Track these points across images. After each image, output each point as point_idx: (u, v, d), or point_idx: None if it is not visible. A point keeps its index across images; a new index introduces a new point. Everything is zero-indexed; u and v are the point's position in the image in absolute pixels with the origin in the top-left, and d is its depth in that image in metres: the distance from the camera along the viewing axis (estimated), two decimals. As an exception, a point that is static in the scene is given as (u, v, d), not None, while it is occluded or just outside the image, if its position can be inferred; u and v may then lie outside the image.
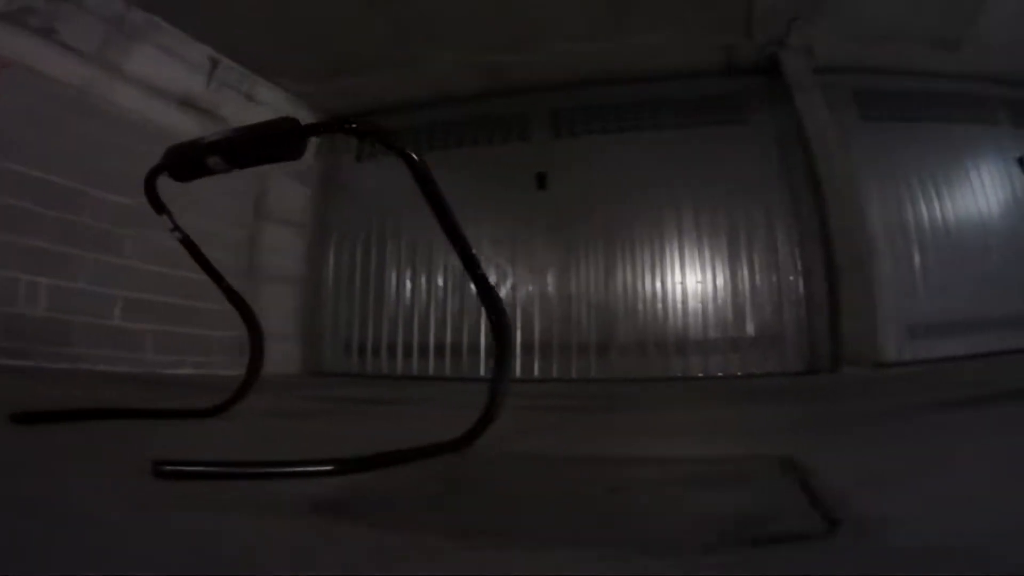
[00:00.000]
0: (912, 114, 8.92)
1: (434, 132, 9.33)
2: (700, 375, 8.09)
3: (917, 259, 8.34)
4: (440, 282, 8.90)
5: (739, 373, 8.04)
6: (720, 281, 8.41)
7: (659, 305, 8.45)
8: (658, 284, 8.52)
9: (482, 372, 8.38)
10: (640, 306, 8.49)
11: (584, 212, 8.72)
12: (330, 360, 8.87)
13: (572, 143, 9.04)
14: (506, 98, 9.20)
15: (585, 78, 9.04)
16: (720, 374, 8.06)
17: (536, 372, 8.38)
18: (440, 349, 8.65)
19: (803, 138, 8.27)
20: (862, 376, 7.06)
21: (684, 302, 8.42)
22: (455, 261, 8.60)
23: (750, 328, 8.08)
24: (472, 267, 2.34)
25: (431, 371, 8.65)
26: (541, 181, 8.80)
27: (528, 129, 9.22)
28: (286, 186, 8.93)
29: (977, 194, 8.75)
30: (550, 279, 8.70)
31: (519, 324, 8.47)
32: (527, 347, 8.43)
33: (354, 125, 2.16)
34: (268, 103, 8.64)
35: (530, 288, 8.67)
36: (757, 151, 8.48)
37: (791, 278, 8.26)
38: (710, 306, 8.36)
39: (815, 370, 7.88)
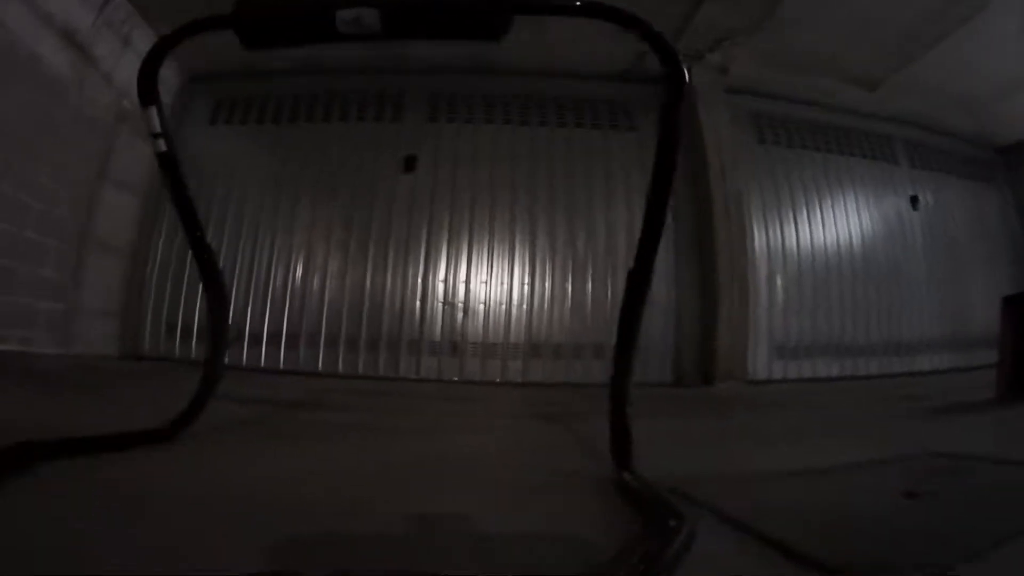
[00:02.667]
0: (810, 143, 9.20)
1: (300, 103, 8.81)
2: (560, 381, 7.81)
3: (786, 282, 8.50)
4: (281, 265, 8.08)
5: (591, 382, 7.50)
6: (580, 285, 8.16)
7: (505, 307, 8.15)
8: (507, 285, 8.21)
9: (319, 366, 7.93)
10: (484, 306, 8.16)
11: (447, 201, 8.42)
12: (150, 343, 7.99)
13: (447, 129, 8.71)
14: (384, 75, 8.69)
15: (476, 64, 8.78)
16: (580, 382, 7.70)
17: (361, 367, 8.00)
18: (274, 338, 7.83)
19: (697, 152, 8.29)
20: (736, 392, 7.06)
21: (540, 305, 8.11)
22: (305, 244, 8.24)
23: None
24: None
25: (263, 362, 7.83)
26: (409, 164, 8.19)
27: (402, 109, 8.80)
28: (132, 146, 8.18)
29: (863, 225, 9.04)
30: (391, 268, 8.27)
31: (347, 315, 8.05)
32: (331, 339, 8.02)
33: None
34: (140, 52, 7.97)
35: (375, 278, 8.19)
36: (644, 159, 8.09)
37: (664, 290, 7.82)
38: (565, 311, 8.08)
39: (681, 383, 7.68)
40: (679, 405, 5.85)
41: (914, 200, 9.41)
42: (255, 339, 8.01)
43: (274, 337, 8.04)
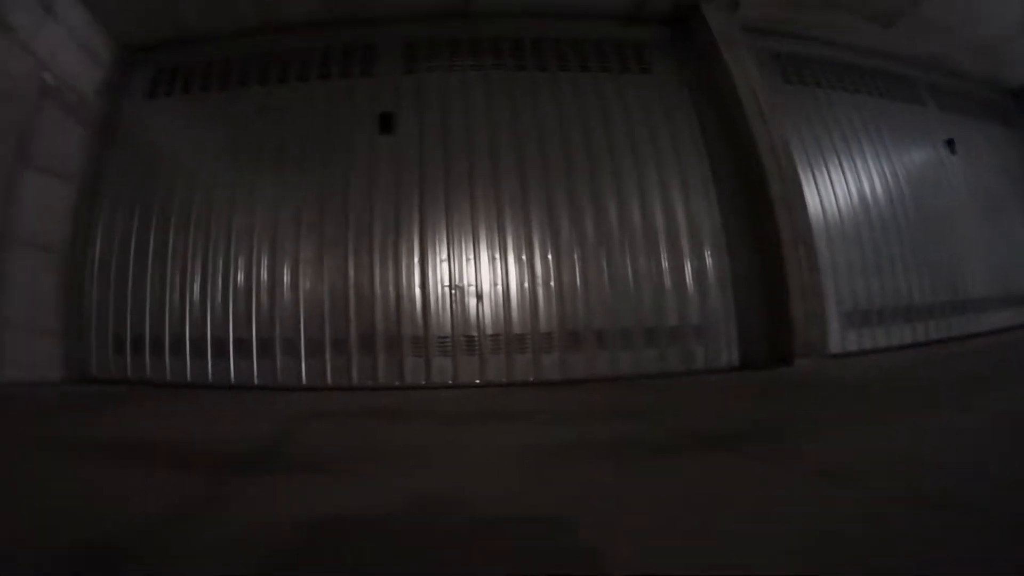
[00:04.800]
0: (836, 82, 8.45)
1: (250, 65, 7.59)
2: (607, 375, 6.60)
3: (844, 240, 7.61)
4: (242, 256, 6.57)
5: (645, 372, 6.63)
6: (619, 257, 6.94)
7: (529, 288, 6.82)
8: (526, 261, 6.90)
9: (303, 378, 6.52)
10: (501, 288, 6.82)
11: (439, 163, 7.11)
12: (98, 362, 6.75)
13: (428, 79, 7.45)
14: (348, 26, 7.61)
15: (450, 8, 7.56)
16: (633, 374, 6.59)
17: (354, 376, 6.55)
18: (243, 346, 6.31)
19: (729, 96, 7.28)
20: (825, 372, 6.07)
21: (571, 284, 6.83)
22: (269, 228, 6.65)
23: (672, 318, 6.35)
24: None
25: (233, 376, 6.37)
26: (386, 123, 6.78)
27: (373, 62, 7.56)
28: (59, 124, 6.58)
29: (907, 172, 8.40)
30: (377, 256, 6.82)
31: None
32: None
33: None
34: (65, 22, 6.50)
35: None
36: (661, 105, 7.01)
37: (714, 257, 6.95)
38: (603, 290, 6.84)
39: (751, 365, 6.66)
40: (787, 399, 4.89)
41: (951, 144, 8.85)
42: (219, 348, 6.39)
43: (242, 345, 6.50)
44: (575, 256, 6.78)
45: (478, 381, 6.41)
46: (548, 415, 4.42)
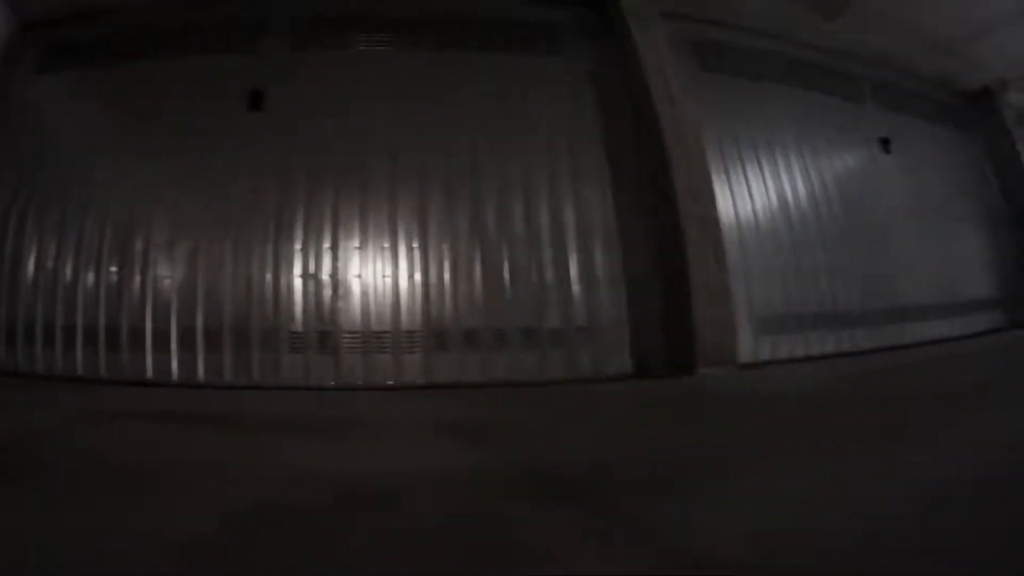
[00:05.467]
0: (764, 72, 7.81)
1: (133, 40, 6.95)
2: (477, 381, 5.86)
3: (760, 240, 6.93)
4: (102, 245, 5.93)
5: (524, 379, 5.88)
6: (495, 250, 6.25)
7: (391, 282, 6.12)
8: (391, 253, 6.20)
9: (148, 372, 5.89)
10: (361, 280, 6.12)
11: (309, 144, 6.39)
12: None
13: (311, 59, 6.78)
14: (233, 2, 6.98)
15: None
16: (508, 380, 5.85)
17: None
18: (90, 336, 5.86)
19: (637, 79, 6.69)
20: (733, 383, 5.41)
21: (440, 279, 6.13)
22: (128, 210, 5.96)
23: (554, 319, 5.67)
24: None
25: (80, 368, 5.83)
26: (256, 101, 6.22)
27: (258, 37, 6.89)
28: None
29: (835, 171, 7.82)
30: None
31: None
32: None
33: None
34: None
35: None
36: (566, 89, 6.38)
37: (605, 253, 6.31)
38: (476, 286, 6.11)
39: (647, 373, 5.98)
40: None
41: (885, 143, 8.31)
42: (69, 338, 5.89)
43: (90, 335, 5.95)
44: (444, 247, 6.12)
45: (333, 383, 5.68)
46: (375, 431, 3.74)
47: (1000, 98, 10.35)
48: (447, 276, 6.00)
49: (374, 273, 5.99)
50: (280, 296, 5.90)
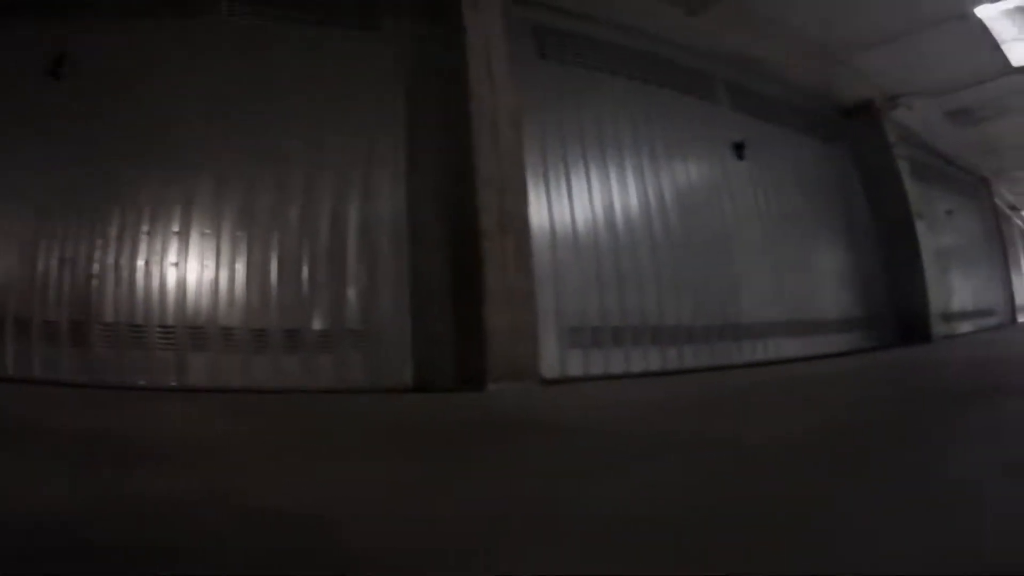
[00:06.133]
0: (610, 65, 7.22)
1: None
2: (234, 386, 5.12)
3: (580, 244, 6.36)
4: None
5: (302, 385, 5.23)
6: (262, 243, 5.51)
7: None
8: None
9: None
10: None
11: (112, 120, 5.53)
12: None
13: (112, 25, 5.85)
14: None
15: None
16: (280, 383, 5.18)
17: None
18: None
19: (457, 58, 5.98)
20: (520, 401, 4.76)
21: (190, 272, 5.35)
22: None
23: (322, 319, 5.04)
24: None
25: None
26: (56, 66, 5.46)
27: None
28: None
29: (679, 174, 7.35)
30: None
31: None
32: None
33: None
34: None
35: None
36: (379, 67, 5.79)
37: (392, 246, 5.66)
38: (239, 281, 5.39)
39: (429, 386, 5.34)
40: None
41: (739, 147, 7.83)
42: None
43: None
44: (202, 233, 5.38)
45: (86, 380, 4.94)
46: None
47: (884, 113, 10.20)
48: (205, 268, 5.30)
49: (132, 260, 5.25)
50: (36, 279, 5.12)
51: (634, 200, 6.66)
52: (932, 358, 7.02)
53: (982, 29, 8.20)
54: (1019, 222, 20.28)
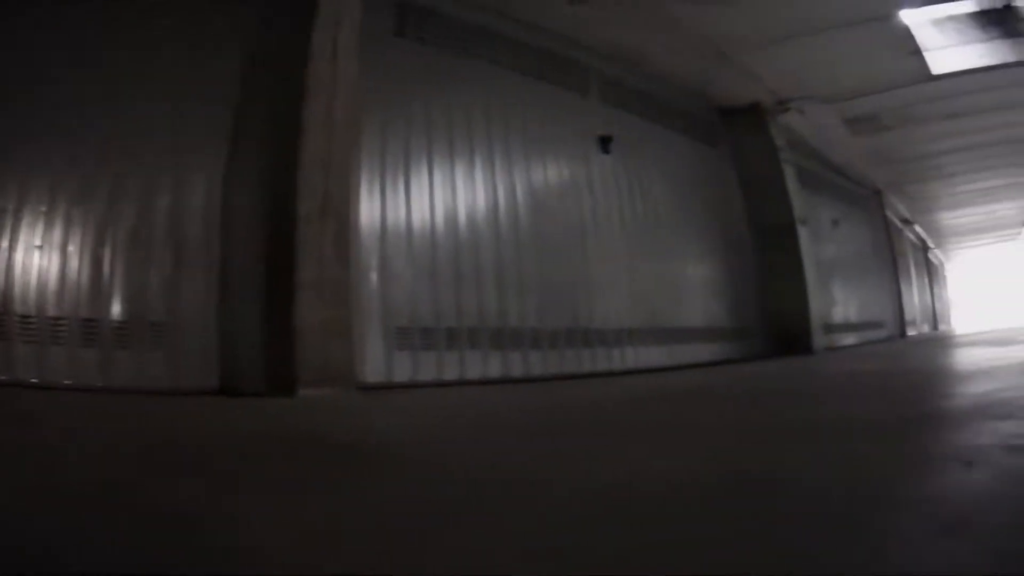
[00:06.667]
0: (472, 49, 6.96)
1: None
2: None
3: (416, 234, 6.03)
4: None
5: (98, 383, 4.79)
6: (89, 235, 5.01)
7: None
8: None
9: None
10: None
11: None
12: None
13: None
14: None
15: None
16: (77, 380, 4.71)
17: None
18: None
19: (299, 28, 5.58)
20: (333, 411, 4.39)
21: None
22: None
23: (119, 310, 4.66)
24: None
25: None
26: None
27: None
28: None
29: (536, 166, 7.12)
30: None
31: None
32: None
33: None
34: None
35: None
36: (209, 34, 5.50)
37: (204, 231, 5.27)
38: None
39: (235, 389, 5.00)
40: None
41: (605, 142, 7.68)
42: None
43: None
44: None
45: None
46: None
47: (771, 117, 10.31)
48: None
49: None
50: None
51: (481, 193, 6.44)
52: (794, 372, 6.92)
53: (902, 34, 8.39)
54: (911, 236, 21.22)
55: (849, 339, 12.54)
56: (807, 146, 12.21)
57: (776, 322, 9.83)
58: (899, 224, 19.23)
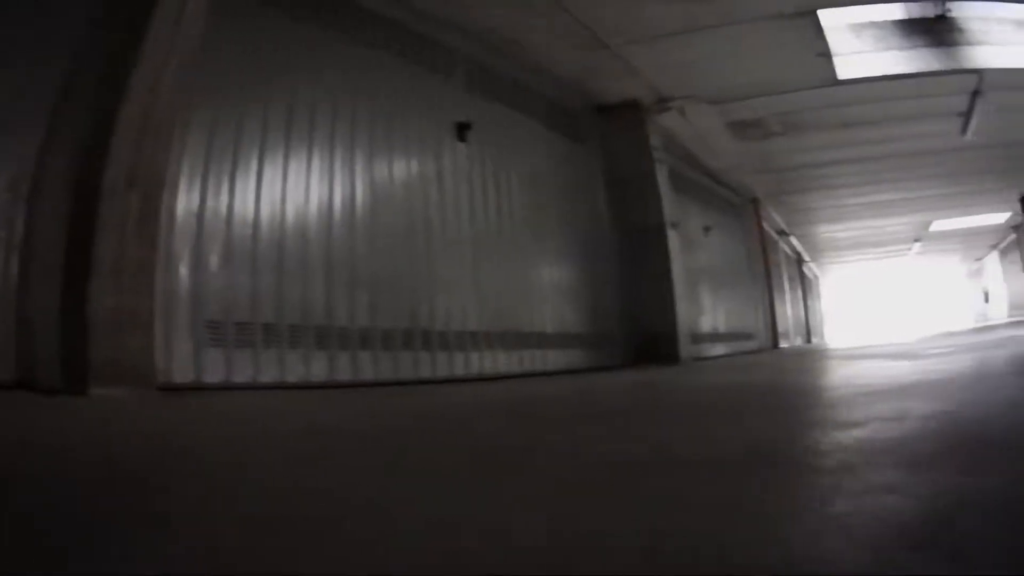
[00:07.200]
0: (325, 21, 6.56)
1: None
2: None
3: (238, 217, 5.65)
4: None
5: None
6: None
7: None
8: None
9: None
10: None
11: None
12: None
13: None
14: None
15: None
16: None
17: None
18: None
19: None
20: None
21: None
22: None
23: None
24: None
25: None
26: None
27: None
28: None
29: (384, 152, 6.81)
30: None
31: None
32: None
33: None
34: None
35: None
36: None
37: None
38: None
39: (31, 382, 4.58)
40: None
41: (463, 128, 7.58)
42: None
43: None
44: None
45: None
46: None
47: (649, 116, 10.40)
48: None
49: None
50: None
51: (316, 179, 6.10)
52: (648, 385, 6.81)
53: (812, 34, 8.55)
54: (786, 248, 22.15)
55: (718, 349, 12.84)
56: (684, 149, 12.40)
57: (640, 330, 9.93)
58: (775, 235, 19.95)
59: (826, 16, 8.35)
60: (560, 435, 3.38)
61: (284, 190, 5.81)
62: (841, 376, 6.45)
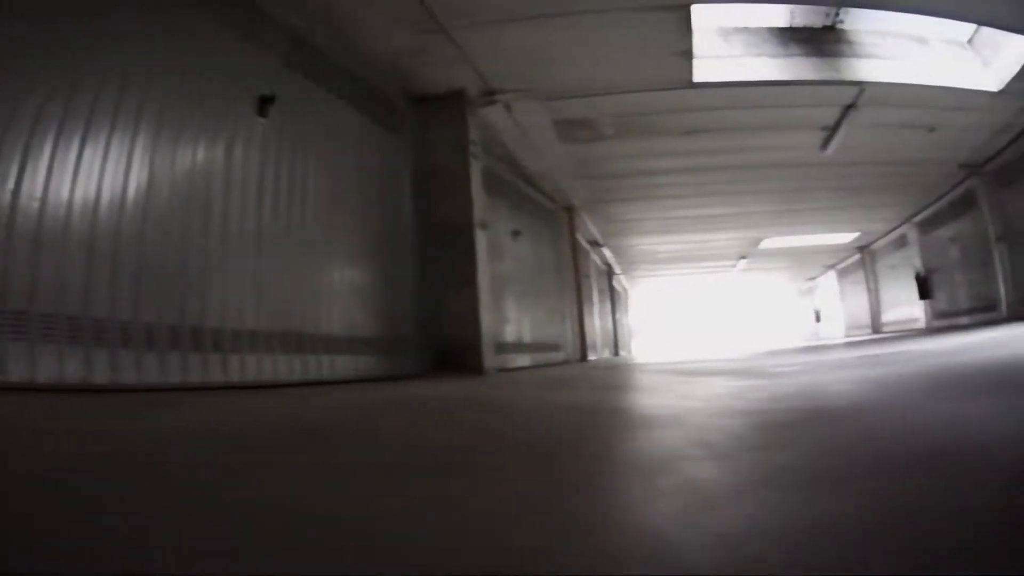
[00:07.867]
0: None
1: None
2: None
3: None
4: None
5: None
6: None
7: None
8: None
9: None
10: None
11: None
12: None
13: None
14: None
15: None
16: None
17: None
18: None
19: None
20: None
21: None
22: None
23: None
24: None
25: None
26: None
27: None
28: None
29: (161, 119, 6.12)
30: None
31: None
32: None
33: None
34: None
35: None
36: None
37: None
38: None
39: None
40: None
41: (265, 101, 7.16)
42: None
43: None
44: None
45: None
46: None
47: (473, 108, 10.32)
48: None
49: None
50: None
51: (90, 149, 5.41)
52: (439, 399, 6.63)
53: (675, 30, 8.61)
54: (597, 260, 22.91)
55: (523, 360, 12.99)
56: (503, 147, 12.39)
57: (441, 336, 9.88)
58: (587, 245, 20.50)
59: (698, 13, 8.47)
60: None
61: (52, 161, 5.19)
62: (692, 399, 6.03)
